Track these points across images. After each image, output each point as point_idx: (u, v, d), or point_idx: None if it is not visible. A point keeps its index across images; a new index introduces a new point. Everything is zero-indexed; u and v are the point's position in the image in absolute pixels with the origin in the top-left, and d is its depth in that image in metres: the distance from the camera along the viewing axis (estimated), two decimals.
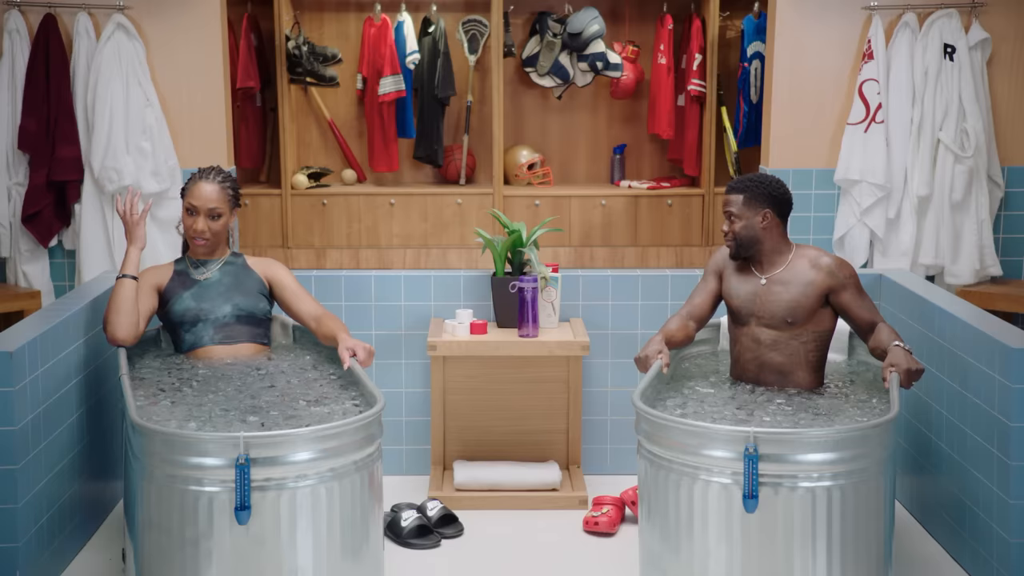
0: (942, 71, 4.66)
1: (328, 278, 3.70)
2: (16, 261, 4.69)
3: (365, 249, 5.79)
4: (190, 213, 3.13)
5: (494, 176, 6.05)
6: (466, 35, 6.27)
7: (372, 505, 2.70)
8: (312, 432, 2.55)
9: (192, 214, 3.13)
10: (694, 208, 6.07)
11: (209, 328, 3.11)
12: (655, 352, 3.02)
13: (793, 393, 2.97)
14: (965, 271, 4.72)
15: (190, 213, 3.13)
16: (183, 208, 3.15)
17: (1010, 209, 4.86)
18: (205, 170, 3.18)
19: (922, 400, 3.24)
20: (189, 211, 3.13)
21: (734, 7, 6.15)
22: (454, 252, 6.08)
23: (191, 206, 3.12)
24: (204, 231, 3.13)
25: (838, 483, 2.57)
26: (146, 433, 2.57)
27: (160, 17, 4.68)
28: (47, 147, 4.61)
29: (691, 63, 6.06)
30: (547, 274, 3.58)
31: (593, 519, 3.27)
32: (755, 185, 3.02)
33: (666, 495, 2.68)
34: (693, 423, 2.65)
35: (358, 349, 3.00)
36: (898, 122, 4.72)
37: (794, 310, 2.98)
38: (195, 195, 3.12)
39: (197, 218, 3.12)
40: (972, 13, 4.70)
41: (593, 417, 3.73)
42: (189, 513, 2.53)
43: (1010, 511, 2.72)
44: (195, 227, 3.13)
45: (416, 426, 3.73)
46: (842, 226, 4.81)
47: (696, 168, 6.17)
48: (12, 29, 4.59)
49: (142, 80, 4.63)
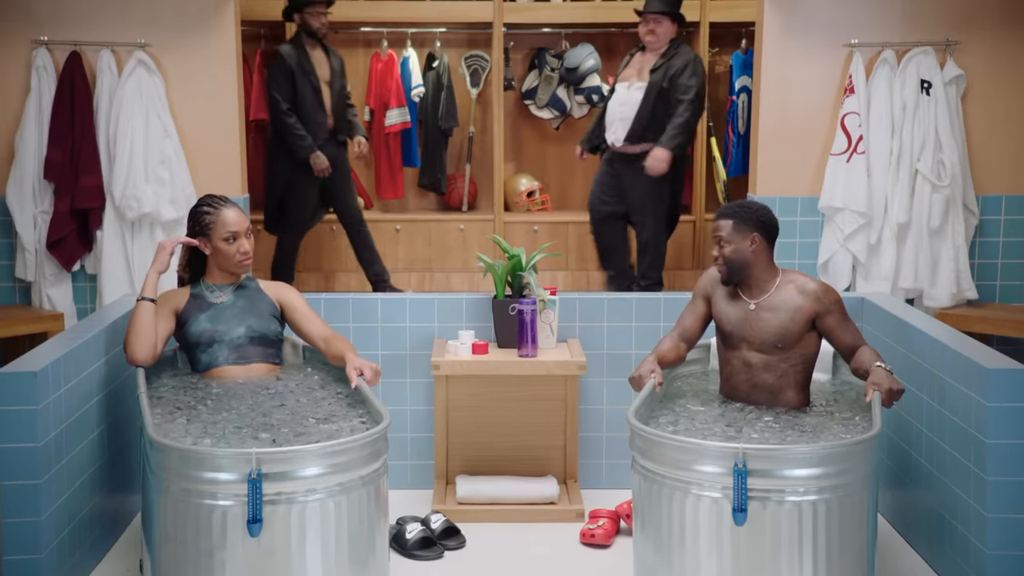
0: (919, 105, 4.68)
1: (336, 301, 3.71)
2: (41, 285, 4.69)
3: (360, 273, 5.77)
4: (231, 240, 3.10)
5: (495, 203, 6.07)
6: (468, 69, 6.31)
7: (378, 518, 2.70)
8: (321, 448, 2.55)
9: (234, 240, 3.11)
10: (685, 234, 6.09)
11: (224, 349, 3.11)
12: (648, 371, 3.02)
13: (780, 411, 2.97)
14: (943, 295, 4.72)
15: (231, 240, 3.10)
16: (220, 239, 3.09)
17: (985, 236, 4.87)
18: (216, 199, 3.15)
19: (903, 418, 3.24)
20: (229, 239, 3.10)
21: (722, 43, 6.19)
22: (457, 276, 6.09)
23: (232, 234, 3.09)
24: (250, 250, 3.13)
25: (823, 497, 2.57)
26: (163, 449, 2.57)
27: (179, 54, 4.70)
28: (71, 177, 4.62)
29: None
30: (545, 297, 3.59)
31: (589, 531, 3.26)
32: (743, 211, 3.02)
33: (659, 508, 2.67)
34: (685, 440, 2.65)
35: (365, 369, 3.00)
36: (878, 153, 4.74)
37: (783, 335, 2.98)
38: (229, 223, 3.10)
39: (241, 241, 3.11)
40: (947, 51, 4.73)
41: (589, 433, 3.73)
42: (204, 526, 2.52)
43: (987, 524, 2.71)
44: (242, 249, 3.11)
45: (420, 442, 3.73)
46: (826, 251, 4.81)
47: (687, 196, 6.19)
48: (39, 66, 4.61)
49: (161, 113, 4.65)
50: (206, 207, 3.13)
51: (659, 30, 4.84)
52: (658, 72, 4.81)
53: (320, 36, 5.10)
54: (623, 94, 4.89)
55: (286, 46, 5.14)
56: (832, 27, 4.75)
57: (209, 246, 3.12)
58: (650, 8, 4.83)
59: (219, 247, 3.11)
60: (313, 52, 5.14)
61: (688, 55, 4.85)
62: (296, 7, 5.09)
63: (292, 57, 5.05)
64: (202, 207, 3.14)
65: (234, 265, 3.14)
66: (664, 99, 4.80)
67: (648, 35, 4.85)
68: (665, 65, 4.81)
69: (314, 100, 5.10)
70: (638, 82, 4.86)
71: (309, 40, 5.12)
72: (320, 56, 5.16)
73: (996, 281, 4.89)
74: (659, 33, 4.84)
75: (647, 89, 4.81)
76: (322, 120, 5.12)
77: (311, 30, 5.07)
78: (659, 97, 4.79)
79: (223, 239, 3.10)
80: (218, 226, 3.10)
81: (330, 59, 5.18)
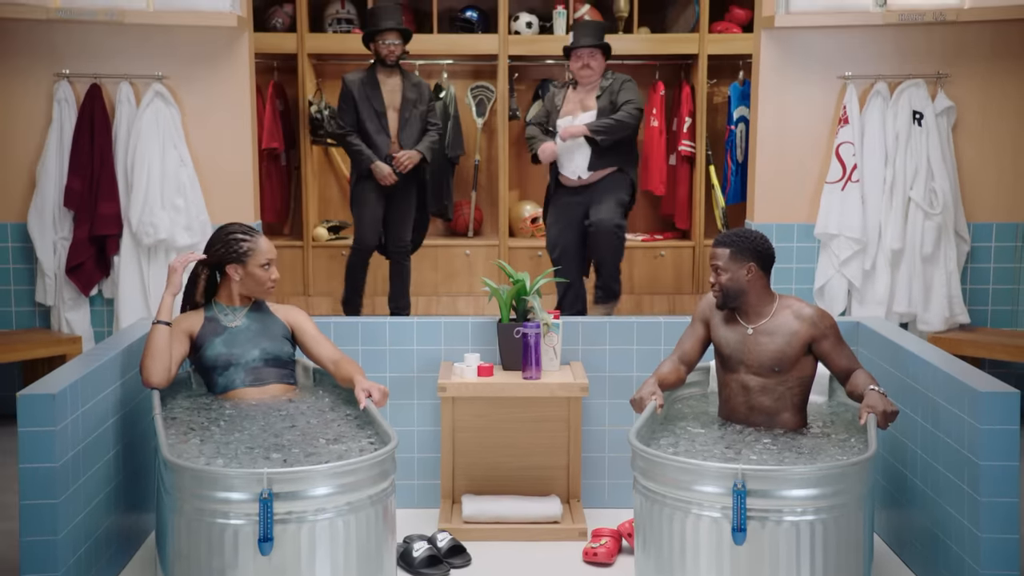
0: (912, 135, 4.71)
1: (346, 324, 3.72)
2: (60, 309, 4.72)
3: (380, 297, 5.80)
4: (267, 267, 3.18)
5: (500, 229, 6.10)
6: (474, 100, 6.35)
7: (386, 536, 2.70)
8: (330, 468, 2.55)
9: (269, 267, 3.18)
10: (685, 259, 6.10)
11: (240, 372, 3.13)
12: (649, 394, 3.02)
13: (779, 433, 2.97)
14: (936, 319, 4.73)
15: (267, 267, 3.18)
16: (258, 265, 3.15)
17: (976, 262, 4.88)
18: (245, 228, 3.20)
19: (898, 439, 3.24)
20: (266, 266, 3.17)
21: (721, 75, 6.24)
22: (463, 300, 6.10)
23: (269, 260, 3.18)
24: (278, 277, 3.22)
25: (820, 517, 2.57)
26: (177, 469, 2.57)
27: (195, 86, 4.75)
28: (90, 204, 4.65)
29: (682, 126, 6.13)
30: (549, 321, 3.60)
31: (592, 550, 3.26)
32: (741, 240, 3.03)
33: (660, 528, 2.67)
34: (685, 460, 2.65)
35: (373, 390, 3.01)
36: (872, 181, 4.76)
37: (780, 359, 2.98)
38: (266, 250, 3.18)
39: (272, 268, 3.19)
40: (938, 83, 4.76)
41: (592, 454, 3.72)
42: (216, 544, 2.52)
43: (980, 544, 2.71)
44: (273, 276, 3.19)
45: (427, 462, 3.73)
46: (822, 276, 4.83)
47: (687, 222, 6.22)
48: (61, 98, 4.66)
49: (177, 143, 4.69)
50: (241, 235, 3.17)
51: (593, 63, 4.86)
52: (603, 97, 4.85)
53: (389, 64, 5.10)
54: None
55: (351, 73, 5.17)
56: (826, 60, 4.79)
57: (241, 272, 3.16)
58: (583, 43, 4.84)
59: (255, 273, 3.16)
60: (387, 79, 5.12)
61: (624, 76, 4.91)
62: (368, 36, 5.13)
63: (354, 84, 5.09)
64: (235, 235, 3.17)
65: (263, 291, 3.20)
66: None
67: (583, 69, 4.86)
68: (608, 88, 4.85)
69: (377, 124, 5.09)
70: (583, 113, 4.87)
71: (383, 68, 5.13)
72: (394, 83, 5.12)
73: (987, 306, 4.89)
74: (594, 66, 4.87)
75: (597, 115, 4.83)
76: (383, 143, 5.11)
77: (380, 57, 5.10)
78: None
79: (260, 266, 3.16)
80: (257, 254, 3.16)
81: (405, 86, 5.17)
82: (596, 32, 4.89)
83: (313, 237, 6.14)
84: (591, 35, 4.87)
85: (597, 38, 4.87)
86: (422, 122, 5.20)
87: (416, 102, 5.16)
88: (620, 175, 4.89)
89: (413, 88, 5.16)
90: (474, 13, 6.23)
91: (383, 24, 5.05)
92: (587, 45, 4.84)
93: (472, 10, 6.24)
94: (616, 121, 4.79)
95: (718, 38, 6.04)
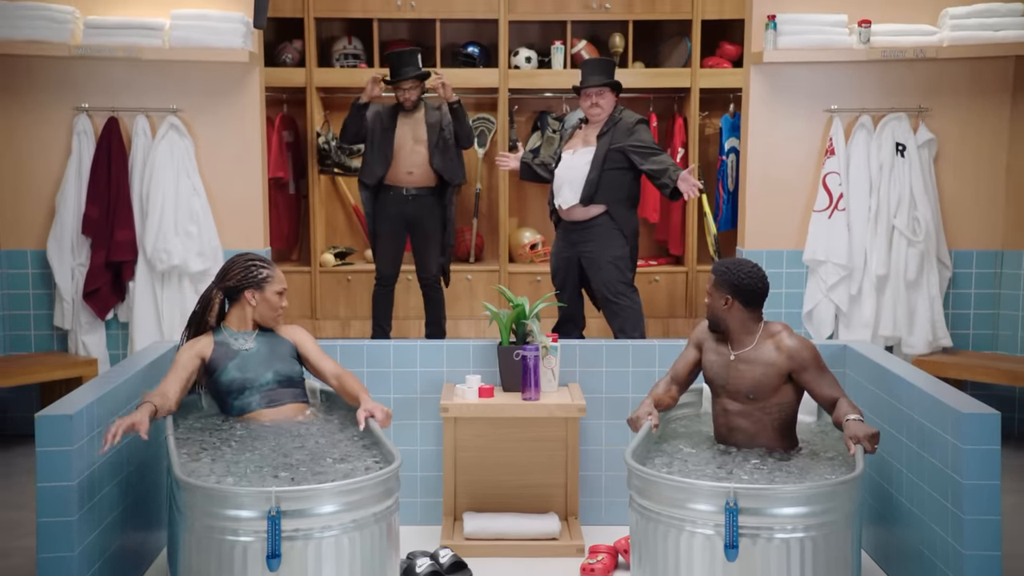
0: (895, 166, 4.73)
1: (351, 347, 3.72)
2: (76, 332, 4.72)
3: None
4: (281, 295, 3.24)
5: (500, 255, 6.11)
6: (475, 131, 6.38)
7: (390, 553, 2.69)
8: (336, 487, 2.55)
9: (283, 295, 3.24)
10: (678, 284, 6.11)
11: (255, 395, 3.13)
12: (645, 414, 3.02)
13: (776, 453, 2.96)
14: (920, 342, 4.73)
15: (281, 295, 3.24)
16: (274, 292, 3.20)
17: (958, 287, 4.89)
18: (262, 257, 3.25)
19: (884, 459, 3.23)
20: (282, 293, 3.24)
21: (712, 108, 6.27)
22: (464, 323, 6.10)
23: (284, 288, 3.24)
24: (287, 306, 3.27)
25: (810, 534, 2.56)
26: (188, 488, 2.57)
27: (208, 118, 4.78)
28: (106, 232, 4.67)
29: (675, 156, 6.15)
30: (548, 344, 3.60)
31: (589, 566, 3.24)
32: (726, 273, 3.00)
33: (655, 544, 2.66)
34: (679, 479, 2.65)
35: (376, 411, 3.01)
36: (858, 210, 4.78)
37: (756, 388, 2.97)
38: (282, 279, 3.24)
39: (283, 297, 3.25)
40: (919, 116, 4.79)
41: (589, 473, 3.72)
42: (226, 561, 2.52)
43: (964, 561, 2.70)
44: (283, 304, 3.24)
45: (430, 481, 3.72)
46: (810, 301, 4.83)
47: (680, 248, 6.23)
48: (80, 131, 4.69)
49: (190, 172, 4.72)
50: (259, 263, 3.23)
51: (602, 102, 4.62)
52: (605, 137, 4.61)
53: (407, 108, 5.14)
54: (569, 160, 4.69)
55: (378, 104, 5.21)
56: (813, 94, 4.82)
57: (258, 297, 3.20)
58: (592, 83, 4.62)
59: (270, 299, 3.21)
60: (406, 119, 5.14)
61: (635, 116, 4.67)
62: (389, 83, 5.18)
63: (374, 112, 5.15)
64: (254, 262, 3.23)
65: (273, 317, 3.23)
66: (613, 162, 4.59)
67: (592, 108, 4.63)
68: (612, 130, 4.62)
69: (380, 154, 5.11)
70: (583, 148, 4.66)
71: (403, 109, 5.17)
72: (417, 118, 5.15)
73: (969, 330, 4.90)
74: (603, 104, 4.63)
75: (595, 153, 4.60)
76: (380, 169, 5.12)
77: (399, 101, 5.16)
78: (607, 160, 4.59)
79: (276, 292, 3.22)
80: (274, 281, 3.22)
81: (427, 114, 5.16)
82: (605, 70, 4.68)
83: (320, 263, 6.15)
84: (600, 73, 4.66)
85: (607, 76, 4.65)
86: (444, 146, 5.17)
87: (440, 123, 5.16)
88: (609, 224, 4.63)
89: (434, 112, 5.19)
90: (476, 48, 6.27)
91: (401, 74, 5.10)
92: (596, 85, 4.61)
93: (474, 45, 6.28)
94: (665, 160, 4.59)
95: (709, 72, 6.08)
